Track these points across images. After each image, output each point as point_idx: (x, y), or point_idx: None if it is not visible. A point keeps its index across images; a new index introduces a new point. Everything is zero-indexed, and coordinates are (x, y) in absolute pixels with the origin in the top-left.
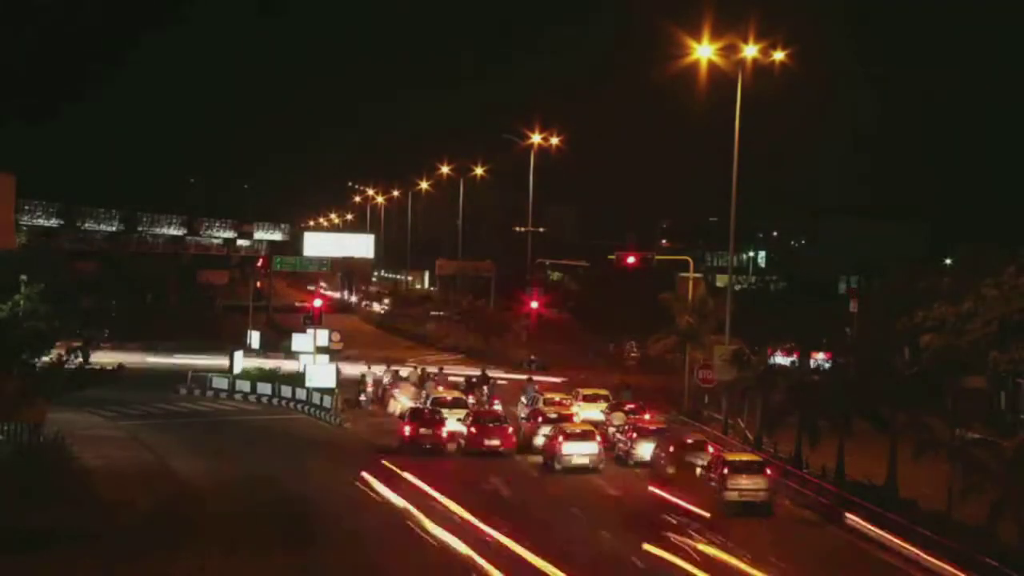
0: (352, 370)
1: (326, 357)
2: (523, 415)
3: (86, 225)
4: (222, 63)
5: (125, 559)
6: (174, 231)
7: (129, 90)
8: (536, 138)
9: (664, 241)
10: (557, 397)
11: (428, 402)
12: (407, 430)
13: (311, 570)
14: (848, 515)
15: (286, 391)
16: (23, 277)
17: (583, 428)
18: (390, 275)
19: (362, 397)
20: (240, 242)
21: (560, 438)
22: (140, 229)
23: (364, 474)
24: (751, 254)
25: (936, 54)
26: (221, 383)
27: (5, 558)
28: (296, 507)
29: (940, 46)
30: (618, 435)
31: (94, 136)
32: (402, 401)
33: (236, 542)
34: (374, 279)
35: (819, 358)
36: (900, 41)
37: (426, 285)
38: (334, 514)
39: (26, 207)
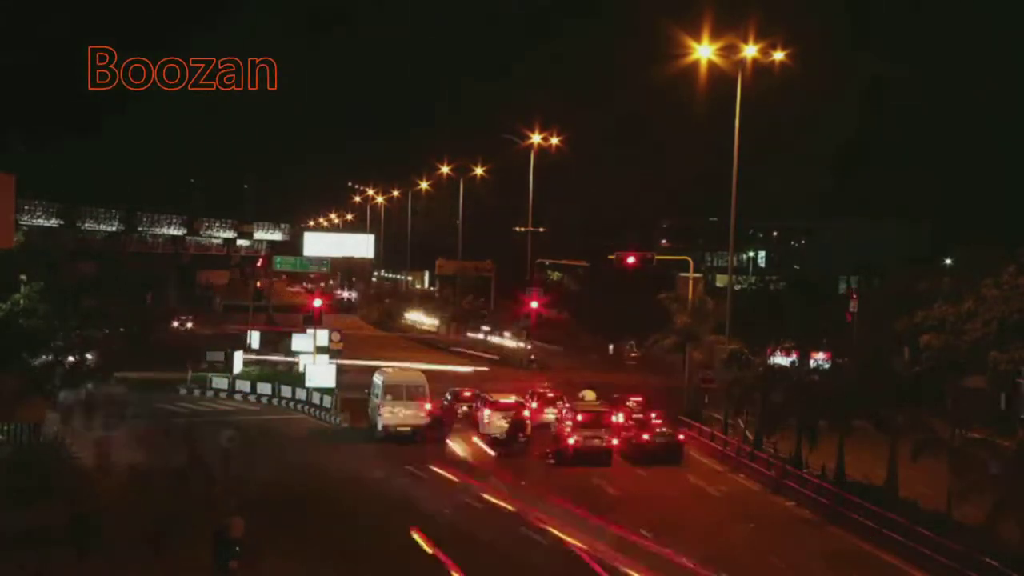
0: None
1: (325, 357)
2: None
3: (86, 225)
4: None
5: (125, 560)
6: (174, 231)
7: (128, 89)
8: (536, 138)
9: (664, 241)
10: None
11: None
12: None
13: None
14: None
15: (286, 391)
16: (23, 277)
17: None
18: (390, 275)
19: None
20: (240, 242)
21: None
22: (140, 229)
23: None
24: (751, 254)
25: (937, 53)
26: (221, 383)
27: (5, 558)
28: (298, 505)
29: (941, 45)
30: None
31: (94, 136)
32: None
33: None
34: (374, 279)
35: (819, 358)
36: (901, 40)
37: (426, 285)
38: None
39: (26, 207)
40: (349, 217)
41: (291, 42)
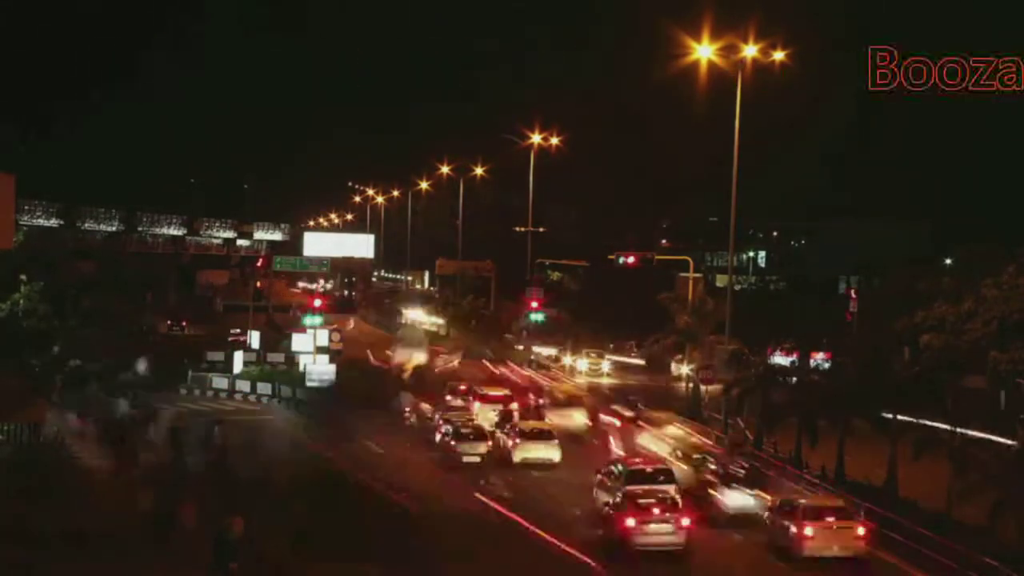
0: None
1: (325, 357)
2: None
3: (86, 225)
4: (223, 63)
5: (125, 560)
6: (174, 231)
7: (128, 90)
8: (536, 138)
9: (664, 241)
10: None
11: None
12: None
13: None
14: None
15: (286, 391)
16: (23, 277)
17: None
18: (390, 275)
19: None
20: (240, 242)
21: None
22: (140, 229)
23: None
24: (751, 254)
25: (936, 52)
26: (221, 383)
27: (6, 558)
28: (300, 506)
29: (940, 44)
30: None
31: (94, 136)
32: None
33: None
34: (374, 279)
35: (819, 358)
36: (901, 40)
37: (426, 285)
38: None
39: (26, 207)
40: (349, 217)
41: (293, 43)
